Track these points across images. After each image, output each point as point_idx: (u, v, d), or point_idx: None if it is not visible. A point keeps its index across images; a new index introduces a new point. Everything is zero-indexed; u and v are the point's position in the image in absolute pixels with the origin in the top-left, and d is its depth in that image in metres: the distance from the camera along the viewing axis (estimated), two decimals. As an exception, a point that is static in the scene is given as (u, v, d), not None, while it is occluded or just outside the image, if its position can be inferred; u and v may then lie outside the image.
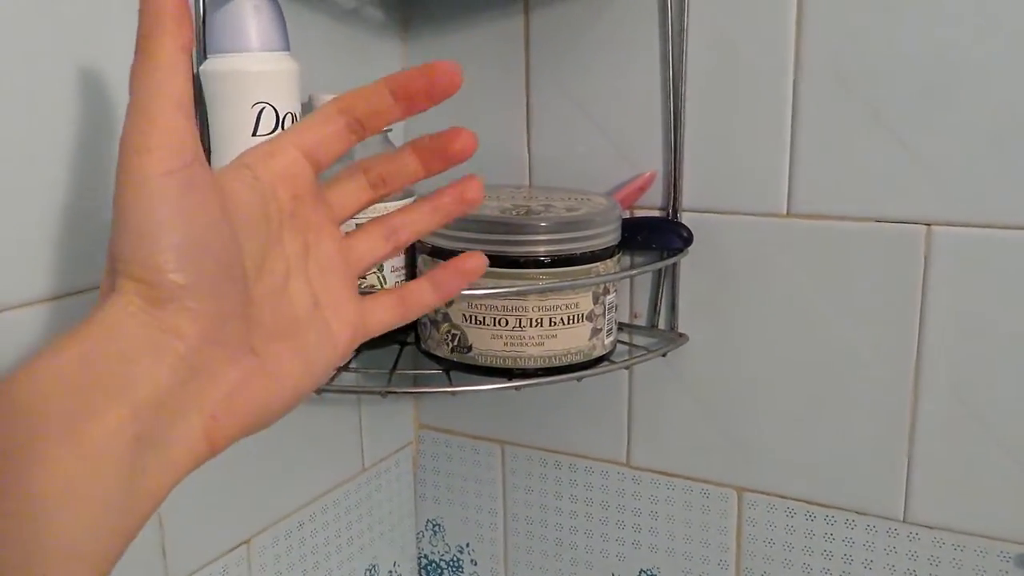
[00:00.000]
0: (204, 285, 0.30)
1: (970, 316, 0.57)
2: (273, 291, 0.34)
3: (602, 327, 0.57)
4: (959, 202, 0.56)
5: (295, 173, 0.36)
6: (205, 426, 0.30)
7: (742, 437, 0.65)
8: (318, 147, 0.36)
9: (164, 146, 0.29)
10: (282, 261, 0.35)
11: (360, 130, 0.37)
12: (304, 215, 0.36)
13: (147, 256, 0.29)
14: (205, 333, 0.30)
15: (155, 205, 0.28)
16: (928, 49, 0.55)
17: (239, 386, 0.32)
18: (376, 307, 0.39)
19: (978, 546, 0.59)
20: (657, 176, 0.64)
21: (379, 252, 0.40)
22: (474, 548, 0.79)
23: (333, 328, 0.36)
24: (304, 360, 0.35)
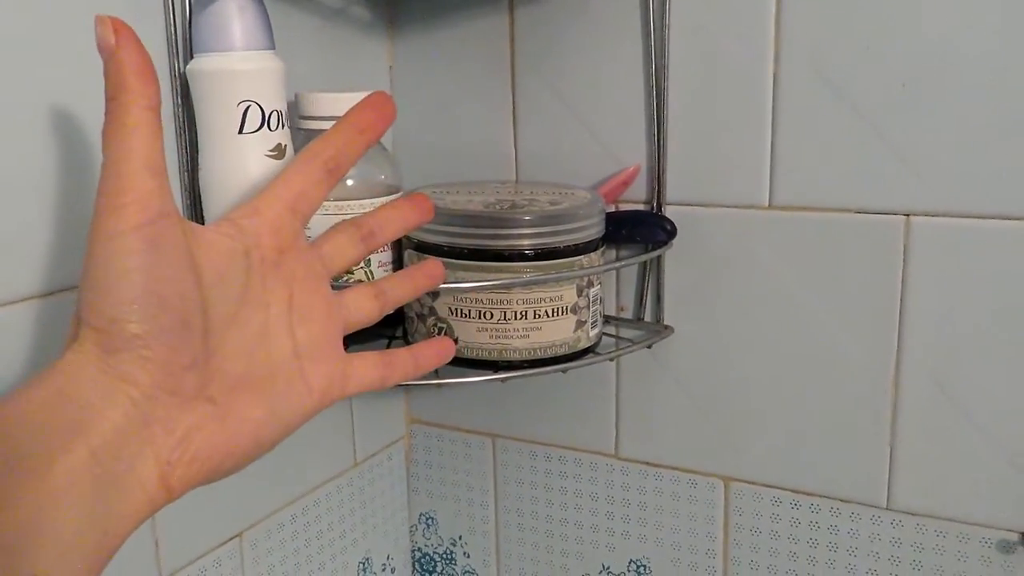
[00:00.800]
0: (160, 336, 0.31)
1: (950, 305, 0.57)
2: (246, 340, 0.36)
3: (587, 319, 0.58)
4: (938, 193, 0.56)
5: (280, 226, 0.38)
6: (160, 471, 0.31)
7: (728, 427, 0.66)
8: (298, 197, 0.38)
9: (130, 204, 0.31)
10: (261, 310, 0.37)
11: (335, 169, 0.40)
12: (290, 267, 0.38)
13: (106, 307, 0.30)
14: (158, 381, 0.31)
15: (117, 260, 0.30)
16: (907, 41, 0.55)
17: (192, 433, 0.32)
18: (360, 366, 0.40)
19: (960, 532, 0.60)
20: (641, 170, 0.64)
21: (368, 310, 0.42)
22: (467, 540, 0.80)
23: (309, 379, 0.38)
24: (270, 410, 0.36)
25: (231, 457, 0.34)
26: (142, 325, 0.31)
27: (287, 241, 0.38)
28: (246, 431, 0.35)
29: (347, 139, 0.40)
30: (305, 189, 0.39)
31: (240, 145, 0.51)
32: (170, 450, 0.32)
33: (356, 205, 0.57)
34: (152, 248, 0.31)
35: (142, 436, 0.31)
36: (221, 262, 0.35)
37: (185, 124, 0.53)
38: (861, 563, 0.63)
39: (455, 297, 0.55)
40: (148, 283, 0.31)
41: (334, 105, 0.57)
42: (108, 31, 0.31)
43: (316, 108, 0.57)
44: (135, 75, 0.31)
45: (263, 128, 0.51)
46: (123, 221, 0.30)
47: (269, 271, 0.37)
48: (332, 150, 0.39)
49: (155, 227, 0.31)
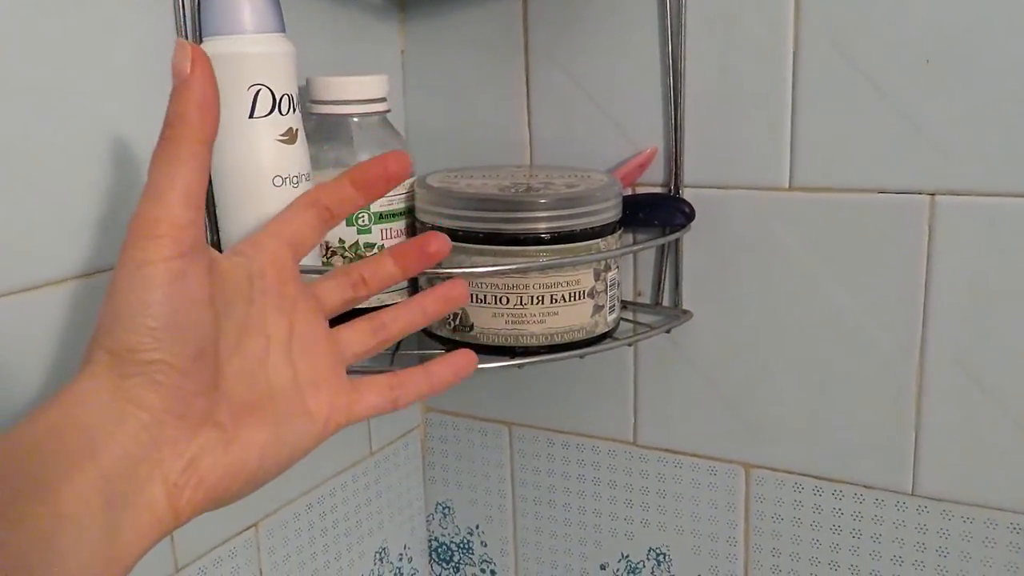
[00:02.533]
0: (174, 364, 0.32)
1: (975, 286, 0.56)
2: (249, 366, 0.37)
3: (604, 304, 0.57)
4: (962, 171, 0.55)
5: (281, 257, 0.39)
6: (168, 495, 0.32)
7: (748, 413, 0.65)
8: (296, 237, 0.40)
9: (164, 236, 0.31)
10: (262, 338, 0.38)
11: (330, 218, 0.41)
12: (290, 298, 0.39)
13: (124, 333, 0.31)
14: (168, 406, 0.32)
15: (142, 289, 0.31)
16: (931, 16, 0.54)
17: (200, 457, 0.33)
18: (367, 391, 0.41)
19: (988, 518, 0.59)
20: (658, 153, 0.63)
21: (366, 345, 0.43)
22: (484, 530, 0.79)
23: (310, 406, 0.38)
24: (274, 434, 0.36)
25: (237, 482, 0.35)
26: (159, 353, 0.31)
27: (286, 274, 0.39)
28: (252, 456, 0.35)
29: (347, 193, 0.41)
30: (301, 232, 0.40)
31: (251, 129, 0.50)
32: (178, 473, 0.32)
33: (369, 190, 0.56)
34: (179, 281, 0.31)
35: (151, 459, 0.31)
36: (231, 290, 0.36)
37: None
38: (885, 550, 0.62)
39: (470, 282, 0.55)
40: (169, 315, 0.31)
41: (345, 90, 0.56)
42: (186, 58, 0.32)
43: (327, 92, 0.56)
44: (198, 109, 0.32)
45: (274, 112, 0.50)
46: (154, 252, 0.31)
47: (271, 300, 0.38)
48: (330, 201, 0.41)
49: (184, 261, 0.32)
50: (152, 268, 0.31)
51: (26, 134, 0.45)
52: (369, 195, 0.42)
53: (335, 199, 0.41)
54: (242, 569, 0.61)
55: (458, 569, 0.81)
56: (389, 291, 0.57)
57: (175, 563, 0.56)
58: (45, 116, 0.46)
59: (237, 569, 0.61)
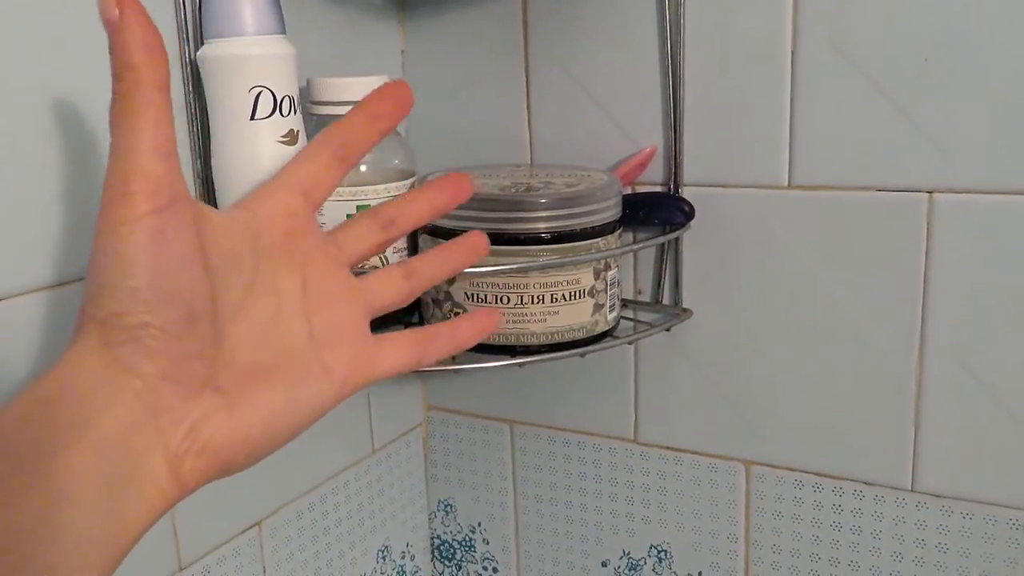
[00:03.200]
0: (163, 326, 0.30)
1: (974, 283, 0.56)
2: (258, 326, 0.35)
3: (604, 303, 0.57)
4: (961, 169, 0.55)
5: (290, 211, 0.37)
6: (170, 464, 0.31)
7: (749, 410, 0.65)
8: (310, 182, 0.38)
9: (138, 192, 0.29)
10: (272, 296, 0.36)
11: (347, 156, 0.39)
12: (302, 251, 0.37)
13: (109, 299, 0.29)
14: (164, 371, 0.30)
15: (122, 251, 0.29)
16: (929, 14, 0.54)
17: (201, 424, 0.32)
18: (391, 347, 0.39)
19: (987, 514, 0.59)
20: (657, 151, 0.63)
21: (396, 291, 0.41)
22: (486, 527, 0.79)
23: (328, 365, 0.37)
24: (287, 396, 0.35)
25: (244, 448, 0.33)
26: (147, 316, 0.30)
27: (298, 226, 0.37)
28: (259, 421, 0.34)
29: (360, 126, 0.40)
30: (316, 174, 0.38)
31: (252, 131, 0.50)
32: (179, 442, 0.31)
33: (370, 191, 0.57)
34: (159, 238, 0.30)
35: (149, 429, 0.30)
36: (230, 248, 0.34)
37: (196, 111, 0.53)
38: (885, 546, 0.63)
39: (471, 282, 0.55)
40: (154, 275, 0.30)
41: (346, 90, 0.57)
42: (111, 4, 0.29)
43: (328, 93, 0.57)
44: (142, 52, 0.29)
45: (275, 114, 0.51)
46: (130, 210, 0.29)
47: (279, 257, 0.36)
48: (344, 137, 0.39)
49: (163, 215, 0.30)
50: (129, 227, 0.29)
51: (12, 138, 0.45)
52: (383, 125, 0.40)
53: (350, 133, 0.39)
54: (245, 567, 0.62)
55: (460, 567, 0.82)
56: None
57: (179, 561, 0.56)
58: (36, 119, 0.46)
59: (241, 567, 0.61)
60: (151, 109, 0.30)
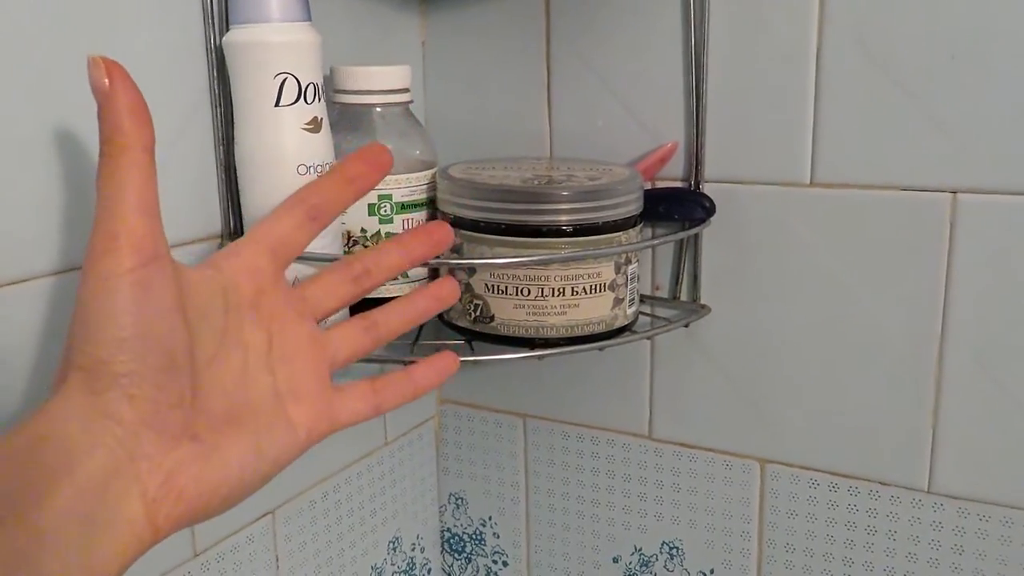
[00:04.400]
0: (146, 375, 0.31)
1: (996, 284, 0.56)
2: (226, 378, 0.36)
3: (624, 297, 0.57)
4: (985, 169, 0.55)
5: (257, 267, 0.38)
6: (147, 509, 0.31)
7: (765, 408, 0.65)
8: (280, 241, 0.39)
9: (123, 247, 0.31)
10: (239, 350, 0.37)
11: (318, 217, 0.40)
12: (269, 308, 0.38)
13: (94, 348, 0.31)
14: (144, 419, 0.31)
15: (107, 302, 0.31)
16: (954, 15, 0.54)
17: (178, 471, 0.32)
18: (350, 398, 0.41)
19: (1004, 516, 0.59)
20: (678, 147, 0.63)
21: (359, 345, 0.42)
22: (496, 521, 0.79)
23: (292, 417, 0.38)
24: (254, 446, 0.36)
25: (217, 495, 0.34)
26: (130, 365, 0.31)
27: (265, 283, 0.39)
28: (231, 470, 0.35)
29: (335, 188, 0.41)
30: (285, 234, 0.40)
31: (276, 118, 0.50)
32: (156, 487, 0.32)
33: (391, 180, 0.57)
34: (143, 291, 0.31)
35: (128, 474, 0.31)
36: (203, 302, 0.36)
37: (220, 97, 0.53)
38: (900, 547, 0.62)
39: (491, 273, 0.55)
40: (137, 325, 0.31)
41: (368, 79, 0.57)
42: (101, 73, 0.31)
43: (350, 82, 0.57)
44: (129, 118, 0.32)
45: (300, 101, 0.50)
46: (116, 264, 0.31)
47: (246, 312, 0.38)
48: (318, 198, 0.40)
49: (147, 270, 0.32)
50: (116, 281, 0.31)
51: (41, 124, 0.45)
52: (359, 187, 0.41)
53: (323, 195, 0.41)
54: (259, 555, 0.62)
55: (470, 560, 0.82)
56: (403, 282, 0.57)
57: (194, 548, 0.57)
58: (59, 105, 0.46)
59: (254, 555, 0.61)
60: (137, 170, 0.32)
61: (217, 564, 0.58)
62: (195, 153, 0.53)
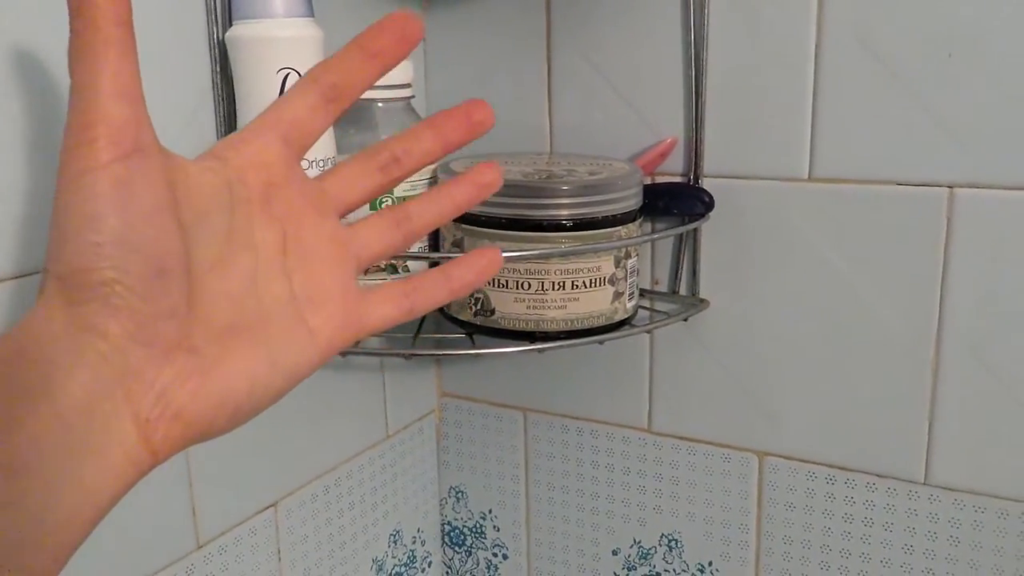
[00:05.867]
0: (130, 284, 0.28)
1: (992, 278, 0.57)
2: (233, 285, 0.32)
3: (624, 291, 0.57)
4: (982, 164, 0.55)
5: (268, 159, 0.33)
6: (141, 431, 0.28)
7: (763, 402, 0.65)
8: (293, 126, 0.34)
9: (100, 138, 0.27)
10: (249, 252, 0.33)
11: (337, 98, 0.34)
12: (283, 203, 0.34)
13: (71, 255, 0.27)
14: (131, 333, 0.28)
15: (84, 203, 0.27)
16: (952, 11, 0.54)
17: (173, 387, 0.29)
18: (378, 301, 0.36)
19: (999, 508, 0.59)
20: (678, 142, 0.64)
21: (388, 241, 0.37)
22: (497, 514, 0.80)
23: (310, 323, 0.34)
24: (266, 358, 0.32)
25: (222, 412, 0.31)
26: (111, 273, 0.27)
27: (278, 175, 0.34)
28: (238, 384, 0.31)
29: (356, 65, 0.34)
30: (299, 118, 0.34)
31: (279, 113, 0.51)
32: (149, 407, 0.28)
33: (393, 175, 0.57)
34: (124, 188, 0.27)
35: (116, 394, 0.28)
36: (202, 200, 0.31)
37: (224, 92, 0.53)
38: (897, 539, 0.63)
39: (493, 267, 0.55)
40: (117, 228, 0.27)
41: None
42: None
43: (353, 77, 0.57)
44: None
45: (302, 96, 0.51)
46: (92, 158, 0.27)
47: (256, 209, 0.33)
48: (336, 76, 0.34)
49: (128, 163, 0.27)
50: (91, 176, 0.27)
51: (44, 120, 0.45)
52: (383, 63, 0.34)
53: (341, 72, 0.34)
54: (261, 547, 0.62)
55: (470, 553, 0.82)
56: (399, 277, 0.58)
57: (197, 540, 0.57)
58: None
59: (256, 547, 0.62)
60: (112, 47, 0.27)
61: (220, 556, 0.59)
62: (199, 148, 0.52)
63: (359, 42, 0.34)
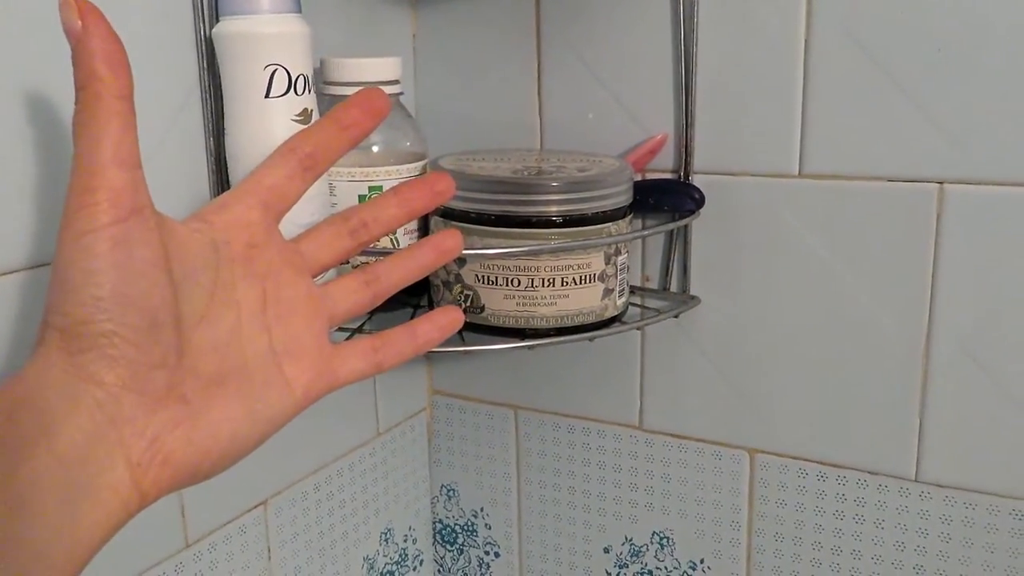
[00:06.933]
0: (126, 335, 0.30)
1: (982, 274, 0.57)
2: (218, 338, 0.34)
3: (614, 288, 0.57)
4: (973, 161, 0.55)
5: (249, 221, 0.37)
6: (132, 474, 0.30)
7: (754, 398, 0.65)
8: (272, 192, 0.37)
9: (101, 202, 0.30)
10: (232, 308, 0.35)
11: (313, 166, 0.38)
12: (262, 262, 0.37)
13: (71, 308, 0.30)
14: (125, 381, 0.30)
15: (84, 261, 0.29)
16: (941, 7, 0.54)
17: (164, 434, 0.31)
18: (349, 355, 0.39)
19: (990, 504, 0.59)
20: (668, 138, 0.64)
21: (358, 299, 0.40)
22: (488, 512, 0.80)
23: (288, 376, 0.37)
24: (247, 407, 0.35)
25: (208, 459, 0.33)
26: (109, 324, 0.30)
27: (258, 237, 0.37)
28: (222, 432, 0.33)
29: (329, 136, 0.39)
30: (278, 185, 0.37)
31: (266, 109, 0.50)
32: (141, 452, 0.31)
33: (382, 171, 0.57)
34: (122, 248, 0.30)
35: (111, 439, 0.30)
36: (191, 258, 0.34)
37: (211, 88, 0.53)
38: (888, 535, 0.63)
39: (482, 264, 0.55)
40: (116, 284, 0.30)
41: (358, 71, 0.57)
42: (73, 14, 0.30)
43: (340, 74, 0.57)
44: (105, 63, 0.30)
45: (290, 92, 0.51)
46: (93, 220, 0.30)
47: (239, 268, 0.36)
48: (310, 146, 0.38)
49: (126, 225, 0.30)
50: (92, 236, 0.30)
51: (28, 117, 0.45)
52: (353, 135, 0.39)
53: (317, 143, 0.38)
54: (251, 546, 0.62)
55: (462, 551, 0.82)
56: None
57: (185, 539, 0.57)
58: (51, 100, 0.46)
59: (246, 546, 0.62)
60: (114, 119, 0.30)
61: (209, 554, 0.59)
62: (186, 144, 0.53)
63: (333, 115, 0.39)
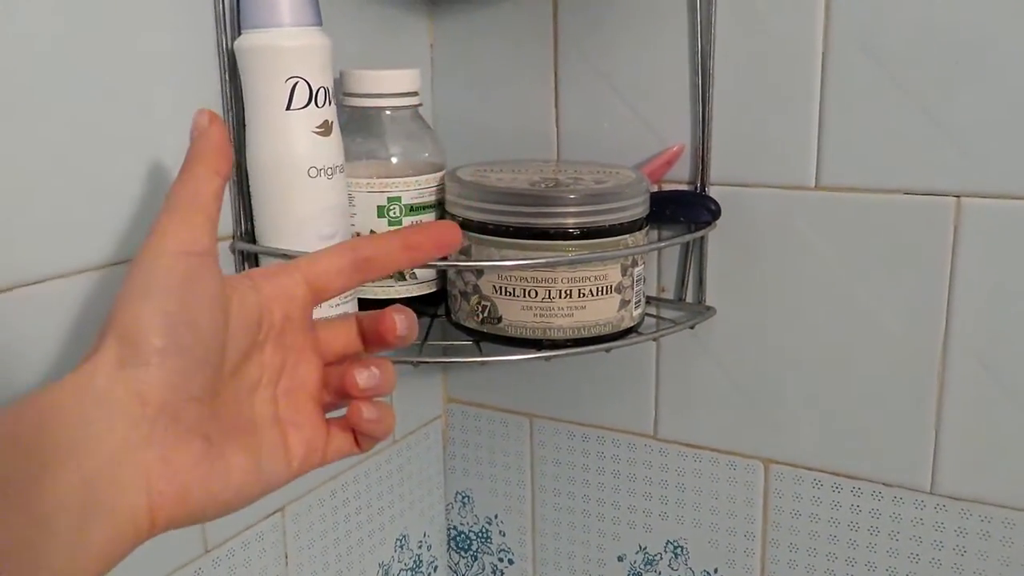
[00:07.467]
0: (180, 357, 0.31)
1: (999, 288, 0.56)
2: (241, 392, 0.36)
3: (630, 299, 0.57)
4: (989, 174, 0.55)
5: (292, 295, 0.38)
6: (149, 503, 0.31)
7: (769, 409, 0.66)
8: (321, 278, 0.39)
9: (183, 233, 0.33)
10: (258, 368, 0.37)
11: (366, 270, 0.39)
12: (290, 336, 0.39)
13: (136, 314, 0.31)
14: (165, 402, 0.31)
15: (159, 274, 0.32)
16: (958, 19, 0.54)
17: (185, 469, 0.32)
18: (334, 436, 0.40)
19: (1006, 517, 0.59)
20: (685, 150, 0.64)
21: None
22: (502, 520, 0.80)
23: (289, 444, 0.38)
24: (255, 463, 0.36)
25: (216, 502, 0.33)
26: (166, 340, 0.31)
27: (295, 312, 0.38)
28: (232, 480, 0.34)
29: (392, 248, 0.40)
30: (328, 275, 0.39)
31: (287, 121, 0.51)
32: (161, 480, 0.31)
33: (400, 183, 0.57)
34: (194, 276, 0.33)
35: (137, 463, 0.30)
36: (244, 311, 0.36)
37: (232, 101, 0.53)
38: (903, 548, 0.63)
39: (499, 275, 0.55)
40: (183, 305, 0.32)
41: (379, 83, 0.57)
42: (206, 119, 0.36)
43: (361, 85, 0.57)
44: (216, 150, 0.36)
45: (310, 104, 0.51)
46: (175, 244, 0.33)
47: (272, 335, 0.38)
48: (370, 251, 0.39)
49: (200, 259, 0.33)
50: (171, 259, 0.32)
51: (63, 125, 0.46)
52: (415, 257, 0.40)
53: (377, 250, 0.40)
54: (268, 551, 0.63)
55: (476, 558, 0.82)
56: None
57: (205, 545, 0.57)
58: (82, 110, 0.47)
59: (264, 551, 0.62)
60: (210, 186, 0.35)
61: (228, 560, 0.59)
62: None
63: (403, 232, 0.41)
